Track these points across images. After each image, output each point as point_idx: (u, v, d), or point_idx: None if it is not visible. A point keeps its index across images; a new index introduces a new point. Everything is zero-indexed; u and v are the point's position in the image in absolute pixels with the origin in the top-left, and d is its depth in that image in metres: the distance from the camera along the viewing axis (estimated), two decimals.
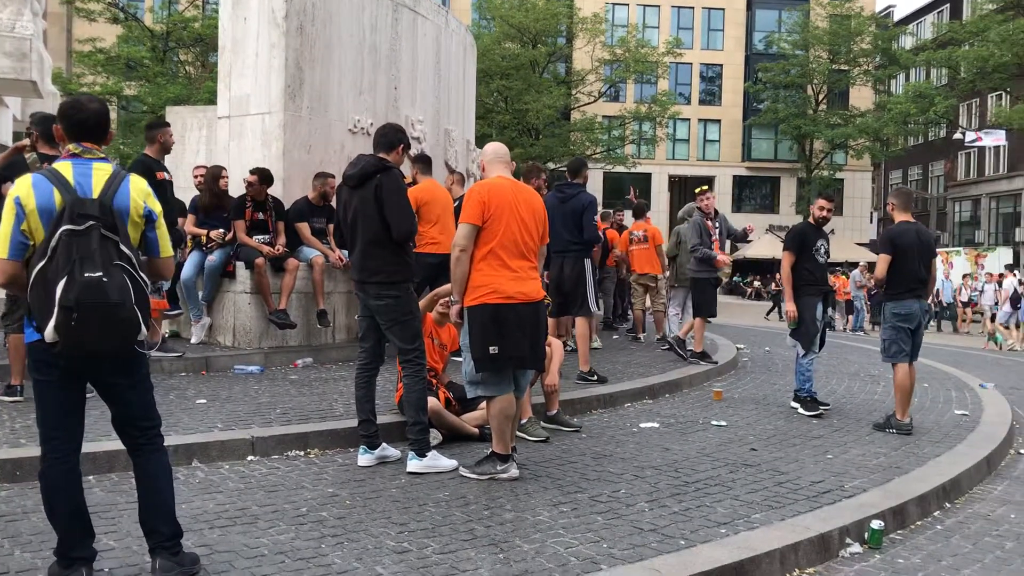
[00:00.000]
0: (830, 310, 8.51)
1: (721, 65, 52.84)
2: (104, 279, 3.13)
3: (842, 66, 44.91)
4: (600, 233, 10.42)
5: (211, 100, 25.61)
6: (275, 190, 8.82)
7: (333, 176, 8.56)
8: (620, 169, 42.97)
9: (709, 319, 10.24)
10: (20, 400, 6.20)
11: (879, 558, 4.42)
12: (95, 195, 3.27)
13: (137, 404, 3.47)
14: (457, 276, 5.14)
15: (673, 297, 11.75)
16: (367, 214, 5.30)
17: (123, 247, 3.24)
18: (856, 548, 4.49)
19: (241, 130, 9.35)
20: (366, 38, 10.04)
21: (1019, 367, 14.37)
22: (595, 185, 42.41)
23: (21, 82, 11.93)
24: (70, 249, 3.13)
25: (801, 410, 7.60)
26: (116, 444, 4.49)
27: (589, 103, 42.66)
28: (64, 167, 3.32)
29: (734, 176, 52.57)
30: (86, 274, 3.11)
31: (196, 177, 9.60)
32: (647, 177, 49.72)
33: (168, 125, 8.22)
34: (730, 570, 3.91)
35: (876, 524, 4.60)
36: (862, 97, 47.62)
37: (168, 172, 8.01)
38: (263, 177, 8.53)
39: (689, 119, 51.57)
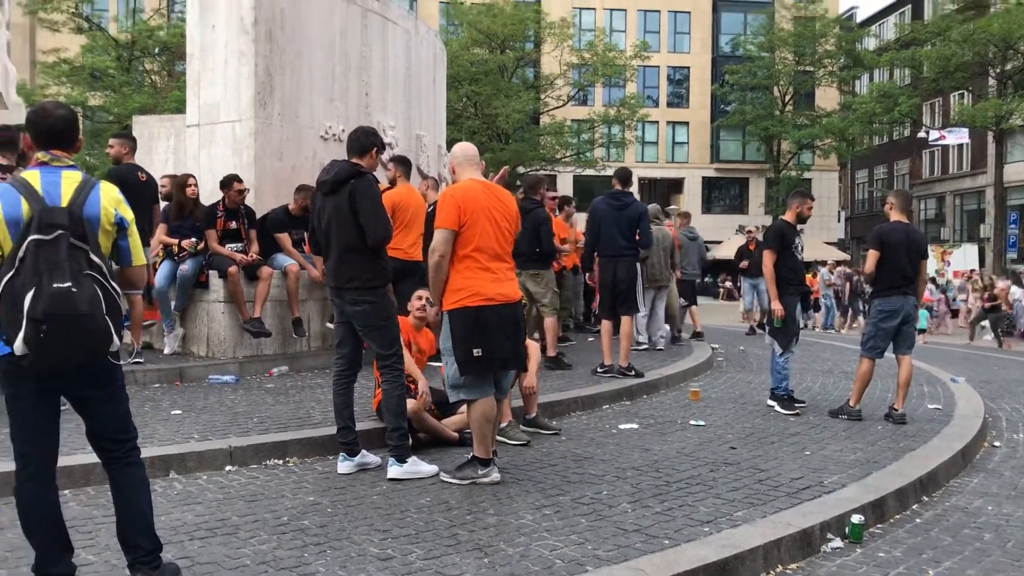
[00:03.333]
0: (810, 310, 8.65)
1: (688, 68, 53.21)
2: (73, 289, 3.07)
3: (807, 67, 45.35)
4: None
5: (178, 109, 25.43)
6: (247, 198, 8.74)
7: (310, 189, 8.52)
8: (590, 172, 43.09)
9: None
10: None
11: (860, 552, 4.44)
12: (64, 203, 3.21)
13: (112, 417, 3.41)
14: (436, 281, 5.12)
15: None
16: (342, 220, 5.26)
17: (93, 256, 3.18)
18: (837, 543, 4.51)
19: (211, 138, 9.26)
20: (336, 44, 10.00)
21: (988, 361, 14.57)
22: (565, 189, 42.45)
23: None
24: (38, 259, 3.07)
25: (778, 408, 7.65)
26: (92, 457, 4.40)
27: (558, 107, 42.75)
28: (32, 176, 3.26)
29: (703, 178, 52.94)
30: (54, 285, 3.04)
31: (163, 187, 9.50)
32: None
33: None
34: (715, 568, 3.91)
35: (856, 519, 4.63)
36: (828, 98, 48.11)
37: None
38: (223, 183, 8.47)
39: (657, 121, 51.85)
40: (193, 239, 8.56)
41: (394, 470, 5.20)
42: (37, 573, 3.29)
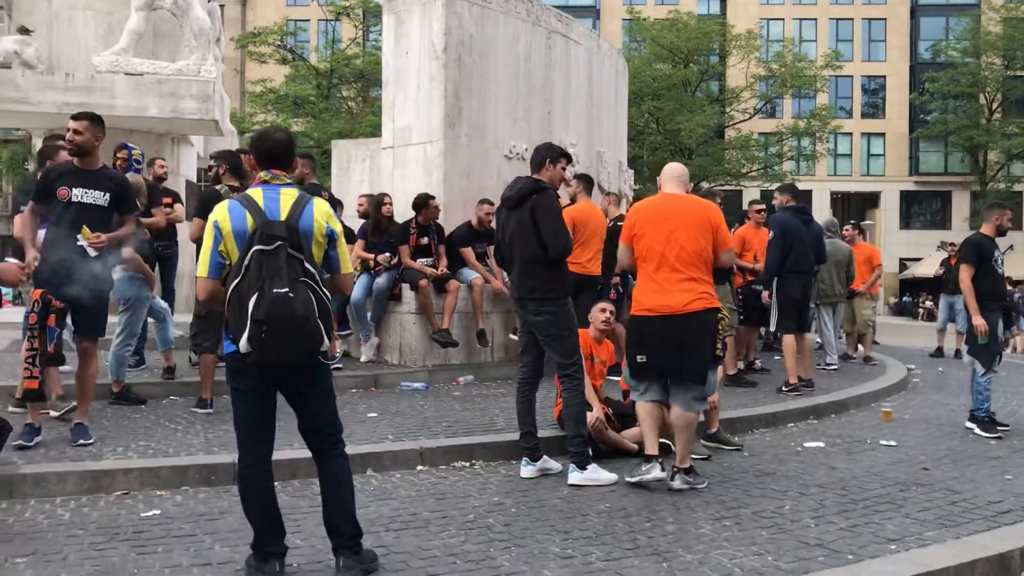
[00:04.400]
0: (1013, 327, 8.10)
1: (884, 76, 50.79)
2: (290, 294, 3.41)
3: (1018, 72, 42.21)
4: None
5: (372, 133, 26.87)
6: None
7: (492, 203, 8.87)
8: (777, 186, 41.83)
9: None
10: (211, 412, 6.74)
11: None
12: (282, 217, 3.57)
13: (322, 412, 3.75)
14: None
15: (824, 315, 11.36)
16: (524, 234, 5.49)
17: (307, 265, 3.52)
18: None
19: (404, 159, 9.81)
20: (521, 66, 10.34)
21: None
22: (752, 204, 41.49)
23: (205, 122, 12.97)
24: (260, 267, 3.43)
25: (978, 431, 7.23)
26: (298, 453, 4.89)
27: (744, 120, 41.86)
28: (255, 192, 3.66)
29: (901, 191, 50.24)
30: (274, 290, 3.39)
31: (360, 206, 10.10)
32: (807, 194, 48.18)
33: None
34: None
35: None
36: None
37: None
38: (418, 203, 8.93)
39: (851, 133, 49.77)
40: (388, 254, 9.08)
41: (575, 476, 5.35)
42: (255, 549, 3.67)
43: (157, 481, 5.10)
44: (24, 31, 12.78)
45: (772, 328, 9.17)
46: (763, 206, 10.48)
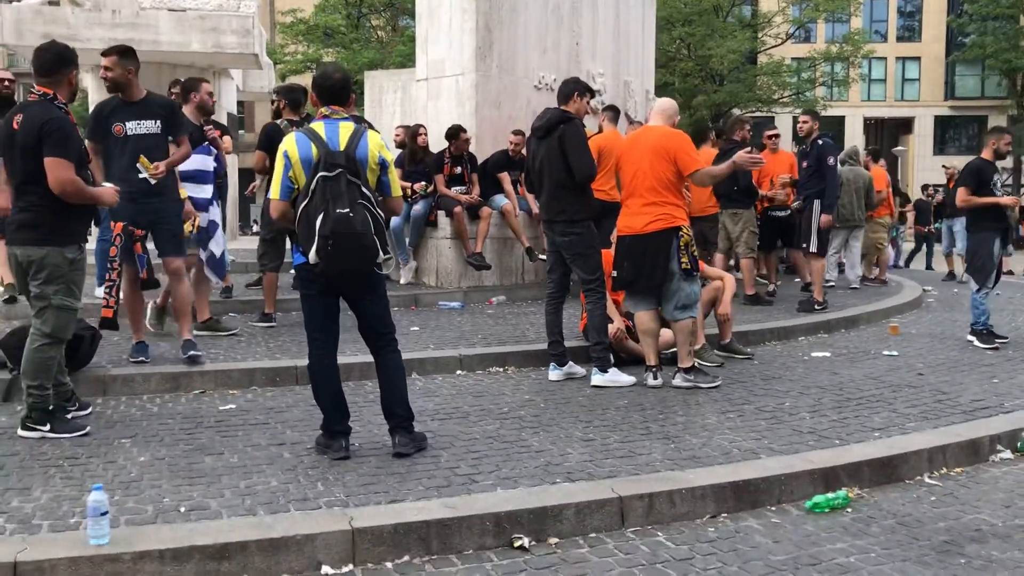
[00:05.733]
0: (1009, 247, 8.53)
1: None
2: (351, 214, 4.01)
3: None
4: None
5: (402, 64, 27.16)
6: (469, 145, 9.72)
7: (523, 133, 9.35)
8: None
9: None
10: (273, 326, 7.43)
11: None
12: (342, 148, 4.14)
13: (378, 315, 4.39)
14: None
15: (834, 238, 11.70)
16: (552, 161, 6.03)
17: (364, 189, 4.11)
18: (1007, 454, 4.84)
19: (438, 91, 10.30)
20: None
21: None
22: (784, 130, 41.36)
23: (246, 56, 13.50)
24: (325, 191, 4.02)
25: (977, 342, 7.74)
26: (351, 358, 5.60)
27: (776, 46, 41.38)
28: (318, 126, 4.23)
29: (935, 116, 49.59)
30: (337, 210, 3.99)
31: (397, 136, 10.62)
32: (840, 120, 47.81)
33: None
34: (878, 463, 4.41)
35: None
36: None
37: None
38: (450, 134, 9.43)
39: (885, 58, 48.95)
40: (424, 183, 9.63)
41: (597, 378, 5.98)
42: (324, 430, 4.36)
43: (229, 382, 5.81)
44: None
45: (813, 248, 9.35)
46: (777, 131, 10.78)
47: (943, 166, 7.92)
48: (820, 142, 9.35)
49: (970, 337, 7.91)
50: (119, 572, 3.14)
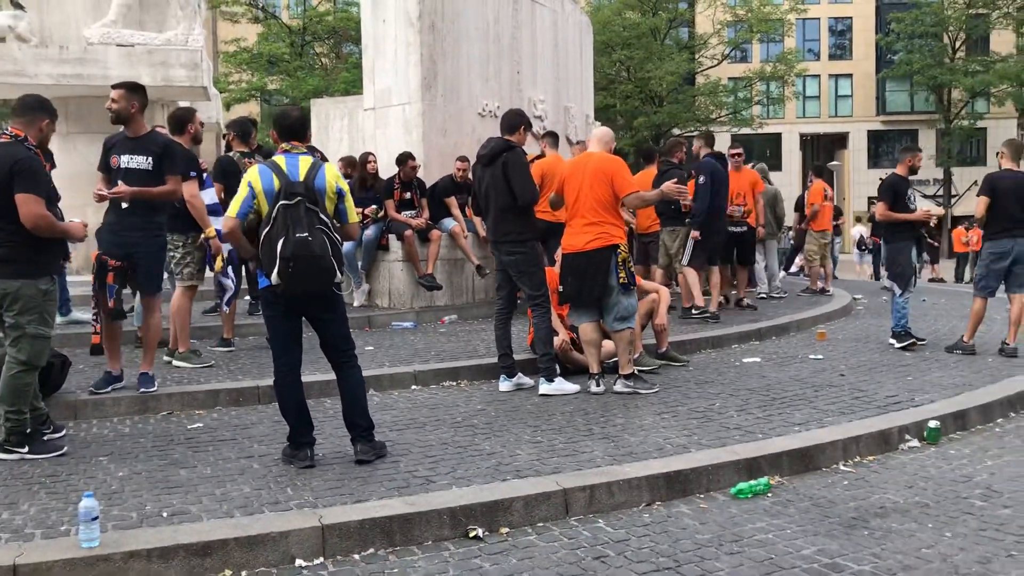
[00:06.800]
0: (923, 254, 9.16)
1: (851, 18, 51.56)
2: (309, 238, 4.39)
3: (980, 10, 43.10)
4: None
5: (347, 91, 27.49)
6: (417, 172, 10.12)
7: (468, 159, 9.79)
8: (747, 130, 42.77)
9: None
10: (232, 350, 7.72)
11: (934, 450, 5.28)
12: (301, 178, 4.53)
13: (337, 333, 4.76)
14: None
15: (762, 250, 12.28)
16: (497, 186, 6.47)
17: (322, 215, 4.49)
18: (915, 443, 5.36)
19: (385, 120, 10.70)
20: (490, 29, 11.20)
21: None
22: (723, 148, 42.42)
23: (195, 88, 13.71)
24: (286, 217, 4.40)
25: (896, 345, 8.33)
26: (311, 377, 5.92)
27: (713, 67, 42.58)
28: (280, 159, 4.62)
29: (868, 131, 51.33)
30: (297, 235, 4.37)
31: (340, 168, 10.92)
32: (776, 137, 49.29)
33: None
34: (797, 453, 4.88)
35: (933, 423, 5.45)
36: (1003, 42, 45.41)
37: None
38: (399, 160, 9.83)
39: (819, 75, 50.61)
40: (375, 207, 10.00)
41: (544, 387, 6.40)
42: (291, 441, 4.71)
43: (195, 403, 6.11)
44: (17, 5, 13.42)
45: (686, 263, 9.58)
46: (740, 150, 11.34)
47: (880, 179, 8.47)
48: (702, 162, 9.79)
49: (891, 340, 8.50)
50: (111, 571, 3.45)
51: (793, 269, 17.71)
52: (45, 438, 5.09)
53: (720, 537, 3.89)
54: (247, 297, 8.99)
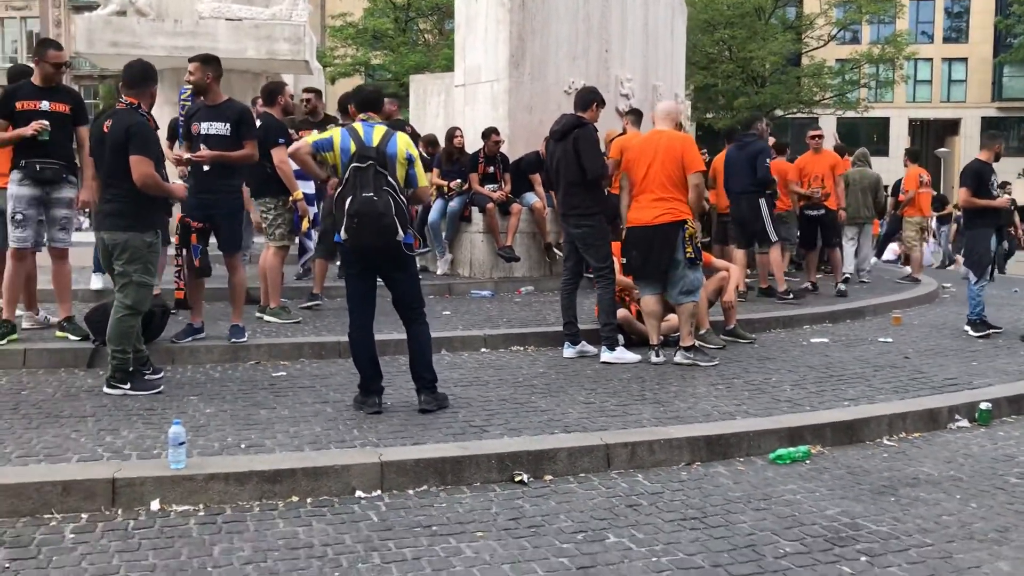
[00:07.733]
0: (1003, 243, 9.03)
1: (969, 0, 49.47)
2: (375, 197, 4.79)
3: None
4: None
5: (447, 67, 27.79)
6: (502, 147, 10.45)
7: None
8: (852, 114, 41.61)
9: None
10: (320, 304, 8.19)
11: (983, 431, 5.35)
12: (374, 144, 4.92)
13: (408, 291, 5.17)
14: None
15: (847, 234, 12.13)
16: (567, 161, 6.74)
17: (390, 179, 4.88)
18: (964, 423, 5.44)
19: (474, 96, 11.05)
20: (579, 9, 11.38)
21: None
22: (828, 131, 41.39)
23: (296, 62, 14.36)
24: (356, 179, 4.82)
25: (971, 332, 8.27)
26: (388, 335, 6.32)
27: (819, 47, 41.51)
28: (358, 126, 5.02)
29: (983, 118, 49.20)
30: (363, 194, 4.77)
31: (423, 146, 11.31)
32: (884, 122, 47.77)
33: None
34: (842, 425, 5.05)
35: (985, 405, 5.50)
36: None
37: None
38: (483, 135, 10.17)
39: (932, 59, 48.78)
40: (459, 180, 10.39)
41: (606, 355, 6.67)
42: (361, 388, 5.15)
43: (280, 354, 6.61)
44: None
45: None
46: (820, 132, 11.32)
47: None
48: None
49: (966, 327, 8.44)
50: (194, 489, 3.91)
51: (886, 256, 17.40)
52: (145, 377, 5.63)
53: (750, 495, 4.12)
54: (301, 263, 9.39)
